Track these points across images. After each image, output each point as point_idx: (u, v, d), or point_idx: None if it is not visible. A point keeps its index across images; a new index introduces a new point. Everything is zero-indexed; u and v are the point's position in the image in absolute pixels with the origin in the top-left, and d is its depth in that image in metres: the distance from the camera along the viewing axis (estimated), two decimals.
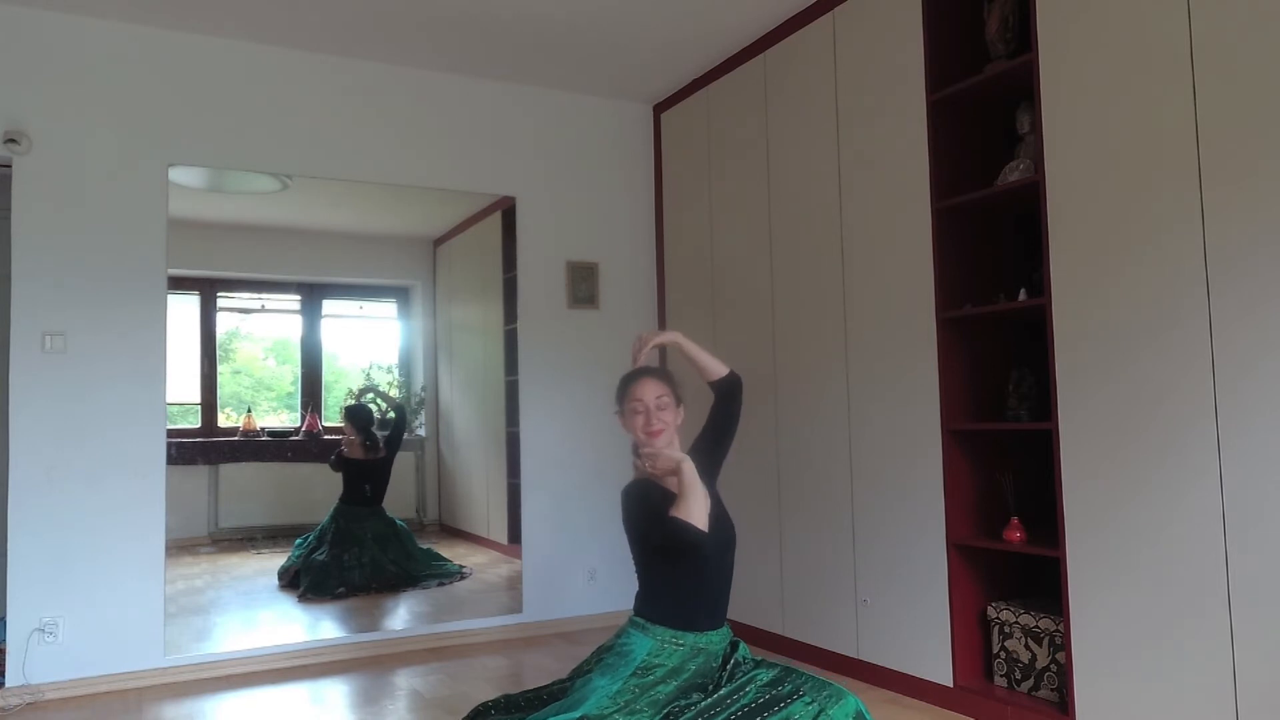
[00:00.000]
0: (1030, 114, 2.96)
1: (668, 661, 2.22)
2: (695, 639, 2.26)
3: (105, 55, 3.69)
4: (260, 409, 4.49)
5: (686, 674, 2.22)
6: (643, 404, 2.37)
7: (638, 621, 2.31)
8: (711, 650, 2.27)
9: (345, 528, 4.43)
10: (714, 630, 2.30)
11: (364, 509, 4.52)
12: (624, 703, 2.15)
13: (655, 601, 2.31)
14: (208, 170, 3.96)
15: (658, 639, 2.25)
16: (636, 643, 2.27)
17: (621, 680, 2.19)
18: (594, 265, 4.60)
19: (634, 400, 2.39)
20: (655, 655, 2.22)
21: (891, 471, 3.30)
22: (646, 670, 2.20)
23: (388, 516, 4.56)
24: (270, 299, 4.56)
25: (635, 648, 2.25)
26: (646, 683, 2.19)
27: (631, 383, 2.42)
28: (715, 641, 2.29)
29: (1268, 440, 2.22)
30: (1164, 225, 2.45)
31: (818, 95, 3.64)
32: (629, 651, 2.26)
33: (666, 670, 2.21)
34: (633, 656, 2.23)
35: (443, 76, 4.33)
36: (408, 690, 3.47)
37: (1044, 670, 2.87)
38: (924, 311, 3.16)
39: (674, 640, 2.25)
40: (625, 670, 2.21)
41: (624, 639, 2.31)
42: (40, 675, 3.43)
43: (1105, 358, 2.59)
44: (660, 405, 2.37)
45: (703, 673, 2.24)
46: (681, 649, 2.24)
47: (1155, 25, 2.47)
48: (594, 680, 2.26)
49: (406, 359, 4.80)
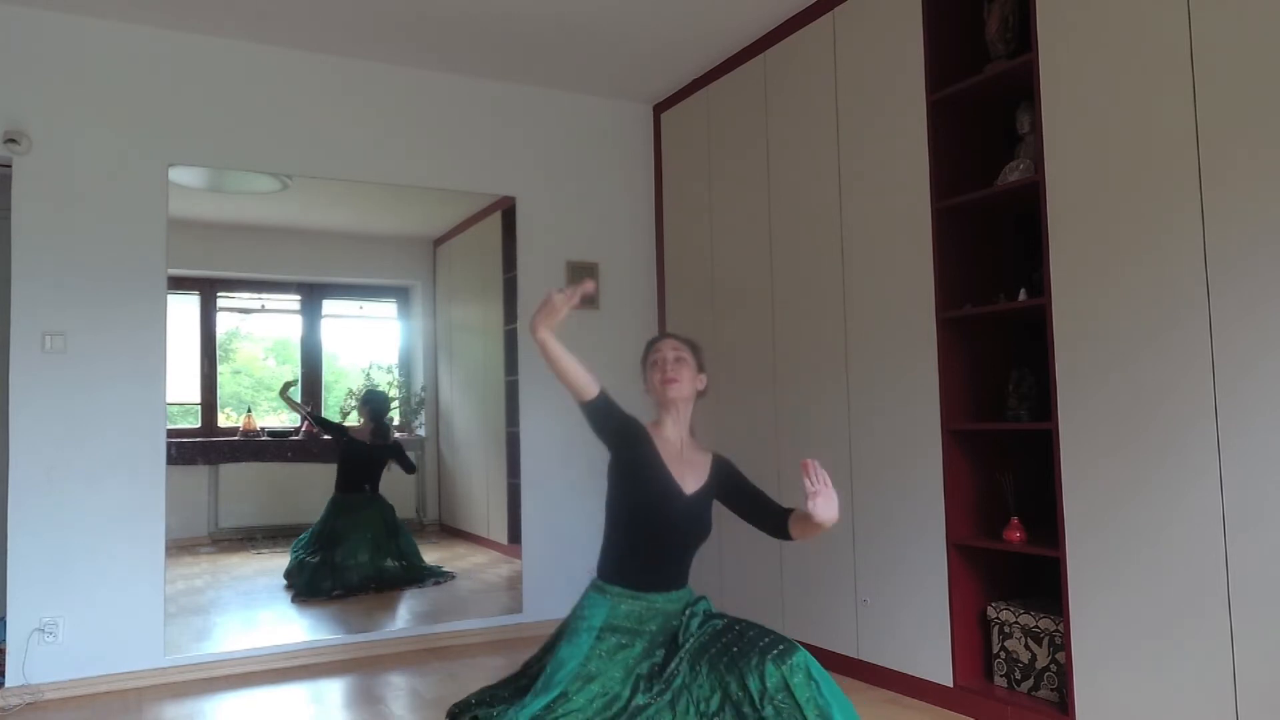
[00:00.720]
0: (1030, 114, 2.96)
1: (626, 623, 2.26)
2: (652, 599, 2.29)
3: (105, 55, 3.70)
4: (260, 409, 4.49)
5: (647, 635, 2.26)
6: (660, 355, 2.45)
7: (597, 583, 2.36)
8: (670, 610, 2.30)
9: (341, 523, 4.40)
10: (672, 591, 2.33)
11: (360, 497, 4.50)
12: (592, 670, 2.19)
13: (613, 562, 2.36)
14: (208, 170, 3.96)
15: (614, 598, 2.29)
16: (594, 605, 2.31)
17: (586, 646, 2.23)
18: (594, 265, 4.60)
19: (654, 354, 2.47)
20: (613, 617, 2.26)
21: (891, 471, 3.30)
22: (608, 633, 2.24)
23: (386, 504, 4.54)
24: (270, 299, 4.56)
25: (593, 610, 2.29)
26: (610, 646, 2.23)
27: (654, 341, 2.53)
28: (674, 601, 2.32)
29: (1268, 440, 2.22)
30: (1164, 225, 2.45)
31: (818, 95, 3.64)
32: (588, 615, 2.29)
33: (627, 632, 2.25)
34: (591, 620, 2.27)
35: (443, 76, 4.33)
36: (407, 690, 3.47)
37: (1044, 670, 2.88)
38: (924, 311, 3.16)
39: (630, 599, 2.28)
40: (588, 636, 2.25)
41: (583, 602, 2.36)
42: (40, 675, 3.43)
43: (1105, 358, 2.59)
44: (677, 359, 2.44)
45: (665, 631, 2.28)
46: (638, 608, 2.27)
47: (1155, 25, 2.47)
48: (560, 652, 2.28)
49: (406, 359, 4.80)
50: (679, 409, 2.45)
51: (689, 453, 2.46)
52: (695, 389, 2.48)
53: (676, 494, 2.34)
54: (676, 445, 2.43)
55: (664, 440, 2.42)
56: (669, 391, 2.41)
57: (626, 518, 2.34)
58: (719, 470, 2.48)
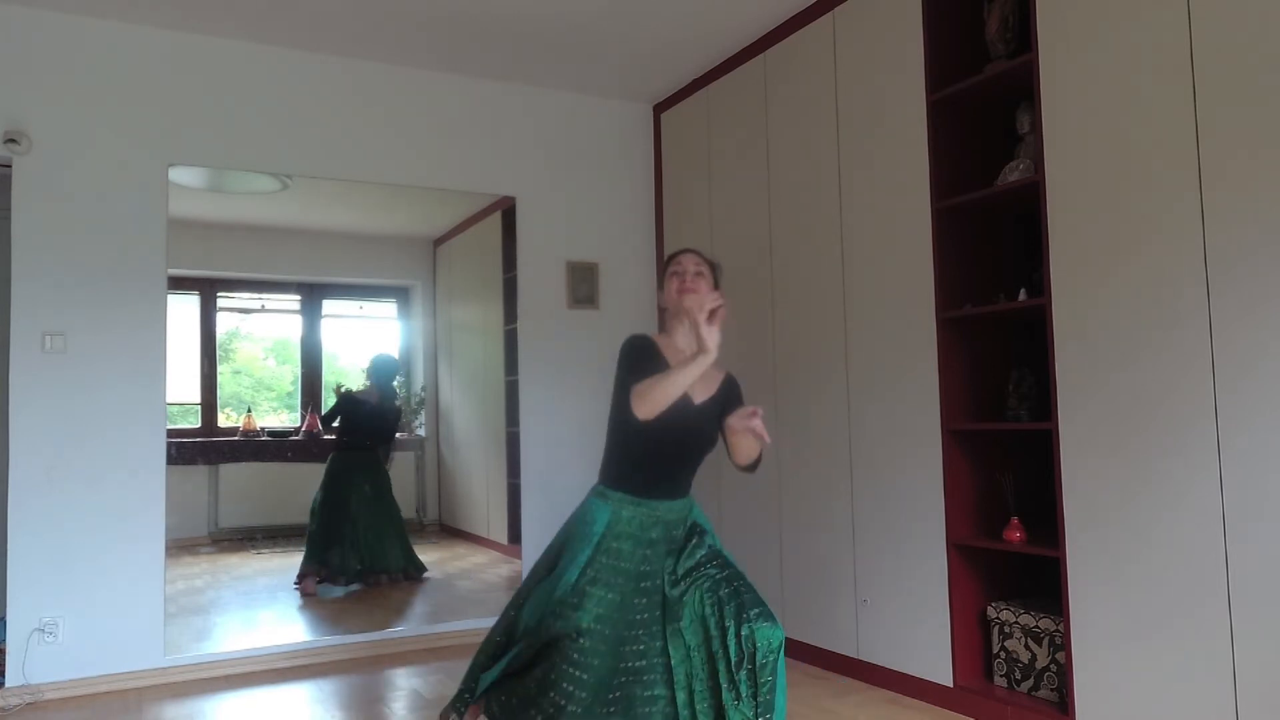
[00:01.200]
0: (1030, 114, 2.96)
1: (629, 529, 2.25)
2: (653, 506, 2.29)
3: (105, 55, 3.70)
4: (260, 409, 4.49)
5: (650, 543, 2.26)
6: (681, 268, 2.43)
7: (598, 489, 2.35)
8: (672, 519, 2.31)
9: (339, 490, 4.39)
10: (674, 500, 2.33)
11: (361, 456, 4.48)
12: (595, 575, 2.19)
13: (616, 468, 2.34)
14: (208, 170, 3.96)
15: (616, 504, 2.28)
16: (597, 511, 2.30)
17: (589, 550, 2.23)
18: (594, 265, 4.60)
19: (675, 265, 2.45)
20: (616, 523, 2.26)
21: (891, 471, 3.30)
22: (611, 539, 2.24)
23: (384, 472, 4.54)
24: (270, 299, 4.56)
25: (597, 516, 2.29)
26: (613, 550, 2.23)
27: (676, 254, 2.50)
28: (676, 510, 2.32)
29: (1268, 440, 2.22)
30: (1164, 225, 2.45)
31: (818, 95, 3.64)
32: (591, 521, 2.29)
33: (630, 539, 2.25)
34: (595, 527, 2.27)
35: (443, 76, 4.33)
36: (408, 690, 3.47)
37: (1044, 670, 2.88)
38: (924, 311, 3.16)
39: (633, 505, 2.28)
40: (589, 542, 2.25)
41: (585, 509, 2.34)
42: (40, 675, 3.43)
43: (1105, 358, 2.59)
44: (697, 273, 2.43)
45: (666, 539, 2.28)
46: (640, 514, 2.27)
47: (1155, 25, 2.47)
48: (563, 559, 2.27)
49: (406, 359, 4.80)
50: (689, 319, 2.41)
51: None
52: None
53: (685, 402, 2.32)
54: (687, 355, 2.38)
55: (674, 350, 2.40)
56: (686, 300, 2.38)
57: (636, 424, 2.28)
58: (728, 387, 2.46)
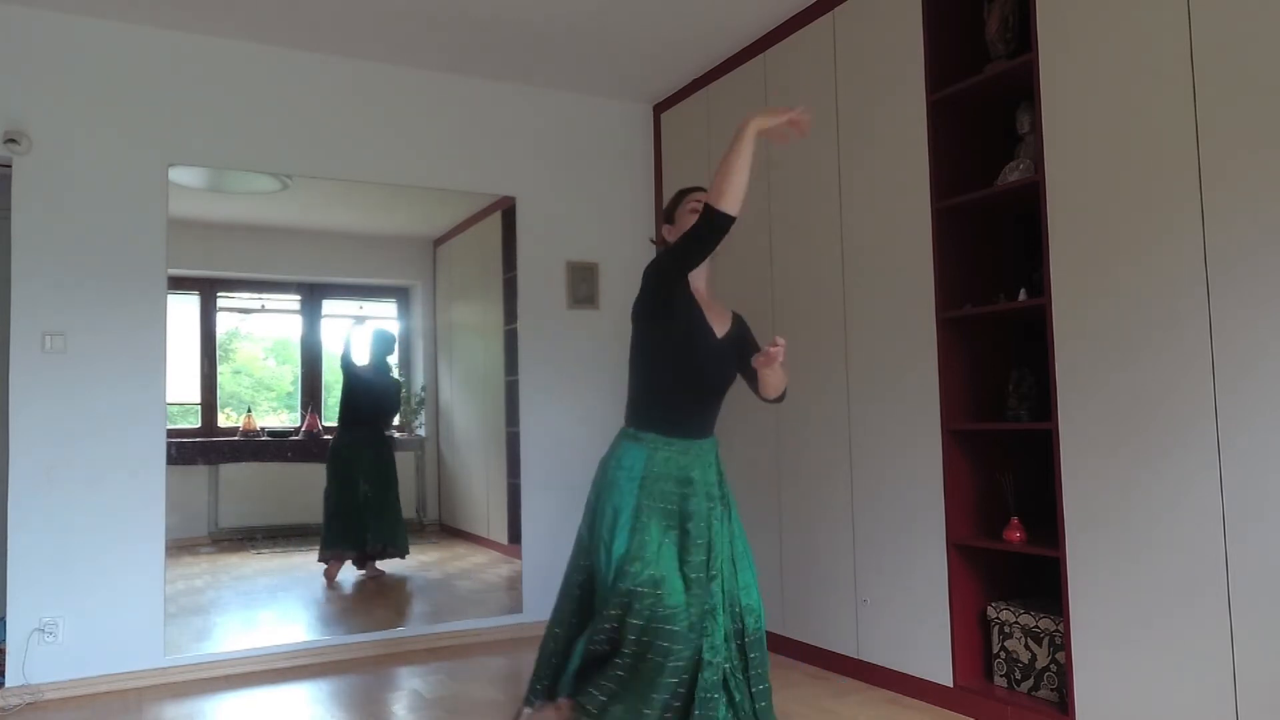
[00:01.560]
0: (1030, 114, 2.96)
1: (666, 469, 2.24)
2: (686, 445, 2.28)
3: (105, 55, 3.70)
4: (260, 409, 4.48)
5: (688, 482, 2.25)
6: (696, 205, 2.40)
7: (628, 432, 2.32)
8: (703, 460, 2.30)
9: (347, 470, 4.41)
10: (703, 439, 2.32)
11: (364, 432, 4.49)
12: (646, 520, 2.18)
13: (645, 410, 2.32)
14: (208, 170, 3.96)
15: (650, 446, 2.26)
16: (631, 453, 2.27)
17: (634, 495, 2.21)
18: (594, 265, 4.60)
19: (689, 203, 2.42)
20: (652, 464, 2.24)
21: (891, 471, 3.30)
22: (652, 480, 2.23)
23: (389, 450, 4.56)
24: (270, 299, 4.55)
25: (632, 459, 2.26)
26: (656, 491, 2.22)
27: (688, 191, 2.47)
28: (706, 450, 2.32)
29: (1268, 440, 2.22)
30: (1164, 225, 2.45)
31: (818, 95, 3.64)
32: (627, 465, 2.26)
33: (669, 479, 2.23)
34: (632, 470, 2.25)
35: (443, 76, 4.33)
36: (408, 690, 3.47)
37: (1044, 670, 2.88)
38: (924, 311, 3.16)
39: (665, 445, 2.26)
40: (631, 487, 2.23)
41: (618, 452, 2.31)
42: (40, 675, 3.43)
43: (1105, 358, 2.59)
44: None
45: (705, 481, 2.28)
46: (673, 454, 2.26)
47: (1155, 25, 2.47)
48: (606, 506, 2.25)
49: (406, 359, 4.79)
50: (709, 260, 2.39)
51: (714, 301, 2.46)
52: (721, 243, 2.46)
53: (711, 334, 2.34)
54: (704, 292, 2.43)
55: (692, 288, 2.39)
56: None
57: (664, 359, 2.30)
58: (738, 324, 2.47)
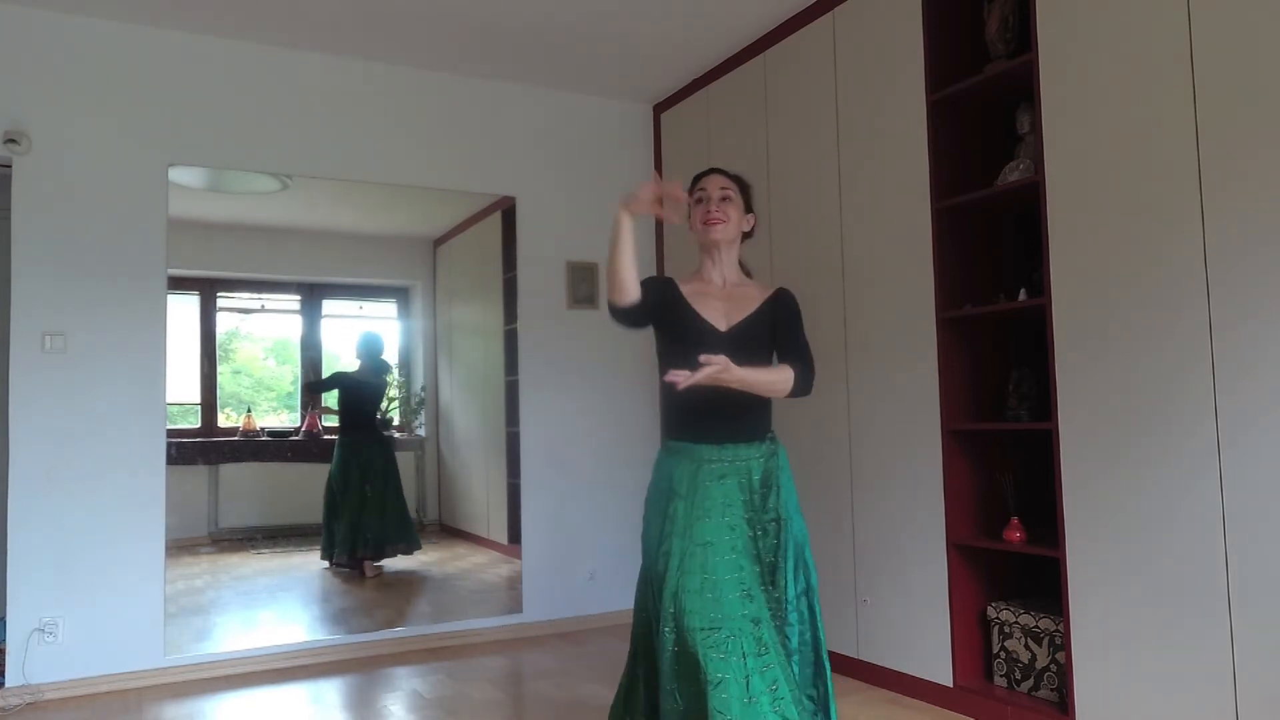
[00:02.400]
0: (1030, 114, 2.96)
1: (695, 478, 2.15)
2: (713, 450, 2.16)
3: (105, 55, 3.70)
4: (260, 409, 4.48)
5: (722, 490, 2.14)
6: (705, 192, 2.28)
7: (663, 442, 2.28)
8: (741, 465, 2.17)
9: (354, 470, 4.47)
10: (738, 444, 2.19)
11: (366, 435, 4.55)
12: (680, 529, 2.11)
13: (666, 416, 2.29)
14: (208, 170, 3.96)
15: (675, 455, 2.20)
16: (663, 465, 2.23)
17: (662, 510, 2.16)
18: (594, 265, 4.60)
19: (698, 190, 2.30)
20: (681, 473, 2.16)
21: (891, 471, 3.30)
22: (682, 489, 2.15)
23: (386, 440, 4.60)
24: (270, 299, 4.55)
25: (664, 471, 2.21)
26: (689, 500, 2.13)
27: (700, 176, 2.34)
28: (744, 455, 2.19)
29: (1268, 440, 2.22)
30: (1164, 225, 2.45)
31: (818, 95, 3.64)
32: (662, 477, 2.21)
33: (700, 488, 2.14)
34: (659, 483, 2.21)
35: (443, 76, 4.33)
36: (408, 690, 3.47)
37: (1044, 670, 2.87)
38: (924, 311, 3.16)
39: (689, 451, 2.18)
40: (663, 500, 2.18)
41: (655, 467, 2.26)
42: (40, 675, 3.43)
43: (1105, 358, 2.59)
44: (724, 196, 2.27)
45: (744, 488, 2.16)
46: (700, 459, 2.16)
47: (1155, 25, 2.47)
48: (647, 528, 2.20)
49: (406, 359, 4.79)
50: (720, 251, 2.29)
51: (737, 289, 2.32)
52: (740, 230, 2.32)
53: (709, 332, 2.20)
54: (718, 284, 2.30)
55: (702, 281, 2.29)
56: (711, 233, 2.24)
57: (667, 362, 2.20)
58: (773, 305, 2.29)
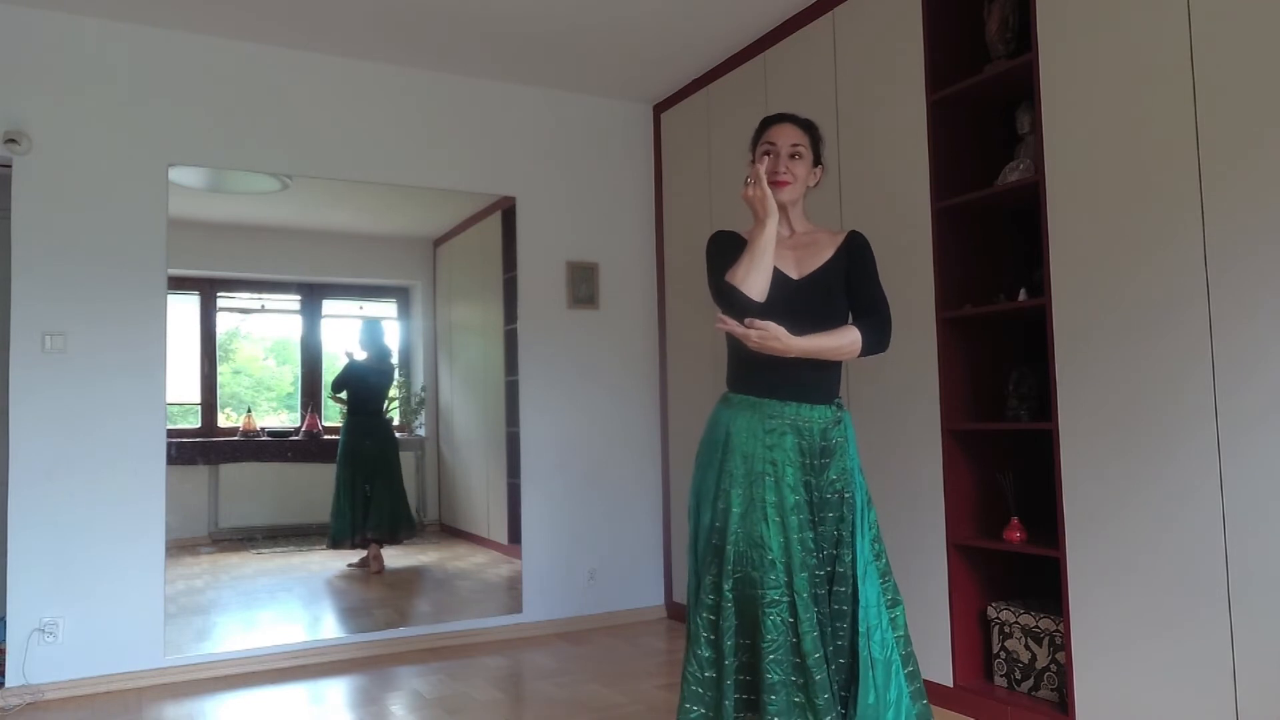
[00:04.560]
0: (1030, 114, 2.96)
1: (756, 433, 2.06)
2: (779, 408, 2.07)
3: (105, 55, 3.70)
4: (260, 409, 4.48)
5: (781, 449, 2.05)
6: (775, 147, 2.16)
7: (724, 395, 2.18)
8: (805, 426, 2.07)
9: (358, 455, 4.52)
10: (803, 404, 2.08)
11: (371, 420, 4.59)
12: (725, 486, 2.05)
13: (733, 370, 2.18)
14: (208, 170, 3.96)
15: (737, 408, 2.11)
16: (721, 416, 2.13)
17: (716, 464, 2.08)
18: (594, 265, 4.60)
19: (766, 142, 2.18)
20: (740, 428, 2.08)
21: (891, 471, 3.29)
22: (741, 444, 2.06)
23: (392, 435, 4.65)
24: (270, 299, 4.55)
25: (721, 422, 2.12)
26: (746, 455, 2.05)
27: (770, 124, 2.21)
28: (808, 417, 2.08)
29: (1268, 440, 2.22)
30: (1164, 225, 2.45)
31: (818, 95, 3.64)
32: (718, 429, 2.12)
33: (759, 444, 2.05)
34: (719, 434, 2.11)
35: (443, 76, 4.33)
36: (408, 690, 3.47)
37: (1044, 670, 2.87)
38: (924, 312, 3.16)
39: (751, 408, 2.08)
40: (717, 454, 2.09)
41: (712, 419, 2.17)
42: (40, 675, 3.43)
43: (1105, 358, 2.59)
44: (794, 154, 2.16)
45: (804, 451, 2.07)
46: (763, 417, 2.07)
47: (1155, 25, 2.47)
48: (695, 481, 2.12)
49: (406, 359, 4.79)
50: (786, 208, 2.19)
51: (805, 237, 2.24)
52: (808, 186, 2.22)
53: (782, 282, 2.11)
54: (785, 234, 2.21)
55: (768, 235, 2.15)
56: (778, 194, 2.12)
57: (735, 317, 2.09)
58: (847, 251, 2.20)
